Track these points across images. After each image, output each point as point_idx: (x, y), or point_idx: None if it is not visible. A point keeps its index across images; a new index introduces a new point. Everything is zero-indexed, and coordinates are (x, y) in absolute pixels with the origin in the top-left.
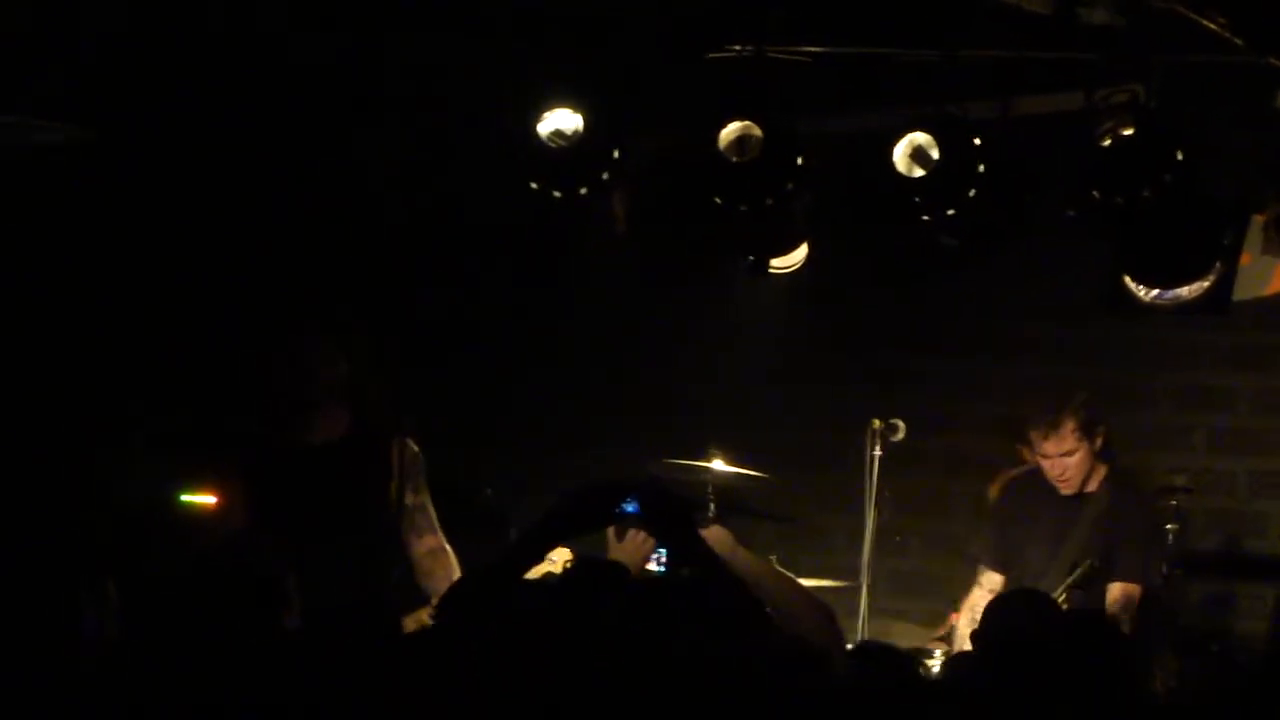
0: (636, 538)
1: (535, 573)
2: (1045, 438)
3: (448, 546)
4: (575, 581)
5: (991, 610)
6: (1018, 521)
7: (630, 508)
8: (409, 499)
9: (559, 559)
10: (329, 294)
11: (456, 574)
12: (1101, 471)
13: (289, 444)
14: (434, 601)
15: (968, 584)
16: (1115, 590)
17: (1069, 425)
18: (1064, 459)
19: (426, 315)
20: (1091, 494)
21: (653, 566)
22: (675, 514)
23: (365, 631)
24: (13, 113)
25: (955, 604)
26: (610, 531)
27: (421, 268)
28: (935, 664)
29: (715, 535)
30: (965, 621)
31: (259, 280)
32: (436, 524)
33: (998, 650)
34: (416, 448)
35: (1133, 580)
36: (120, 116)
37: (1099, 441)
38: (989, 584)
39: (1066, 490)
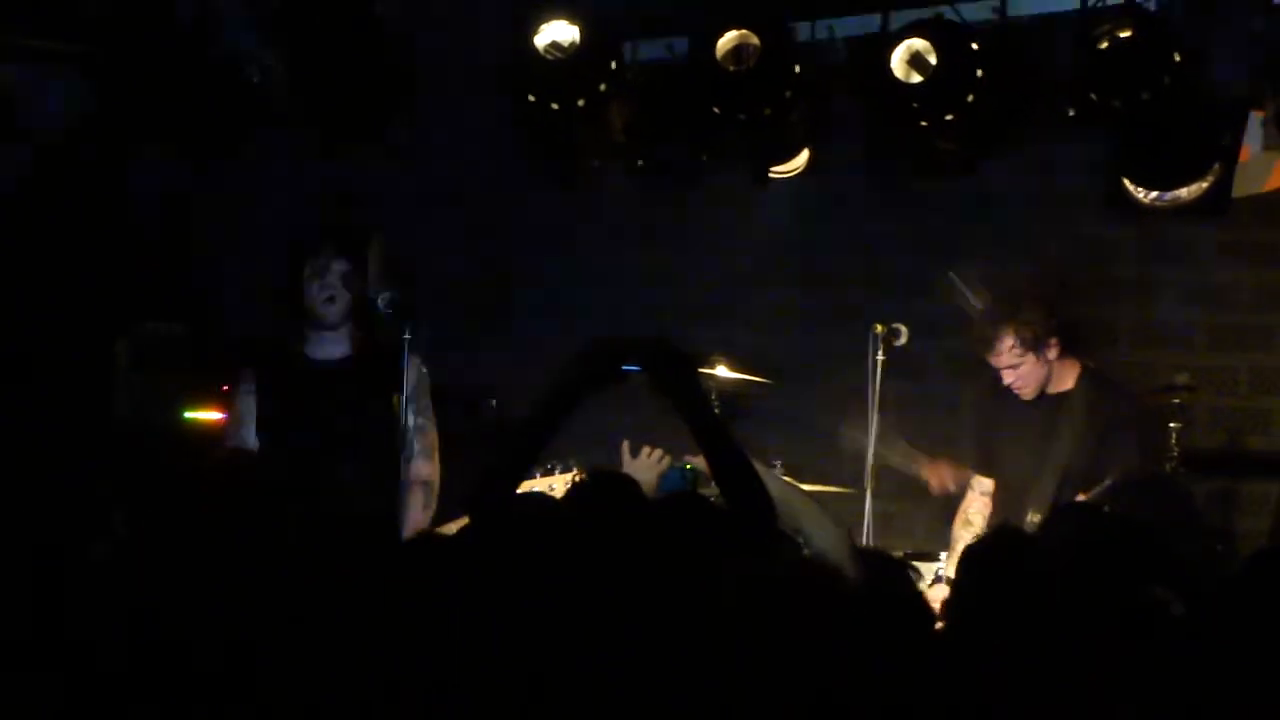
0: (651, 456)
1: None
2: (984, 353)
3: (435, 480)
4: (587, 494)
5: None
6: (995, 424)
7: (636, 367)
8: (411, 419)
9: (560, 481)
10: (337, 210)
11: (430, 511)
12: (1072, 370)
13: (298, 360)
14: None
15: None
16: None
17: (1006, 342)
18: (1010, 370)
19: (431, 229)
20: (1067, 392)
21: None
22: (682, 371)
23: (373, 544)
24: None
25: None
26: (624, 448)
27: (425, 182)
28: (940, 566)
29: None
30: (960, 523)
31: (267, 196)
32: (434, 451)
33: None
34: (424, 368)
35: (1132, 469)
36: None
37: (1052, 351)
38: (980, 486)
39: (1025, 396)
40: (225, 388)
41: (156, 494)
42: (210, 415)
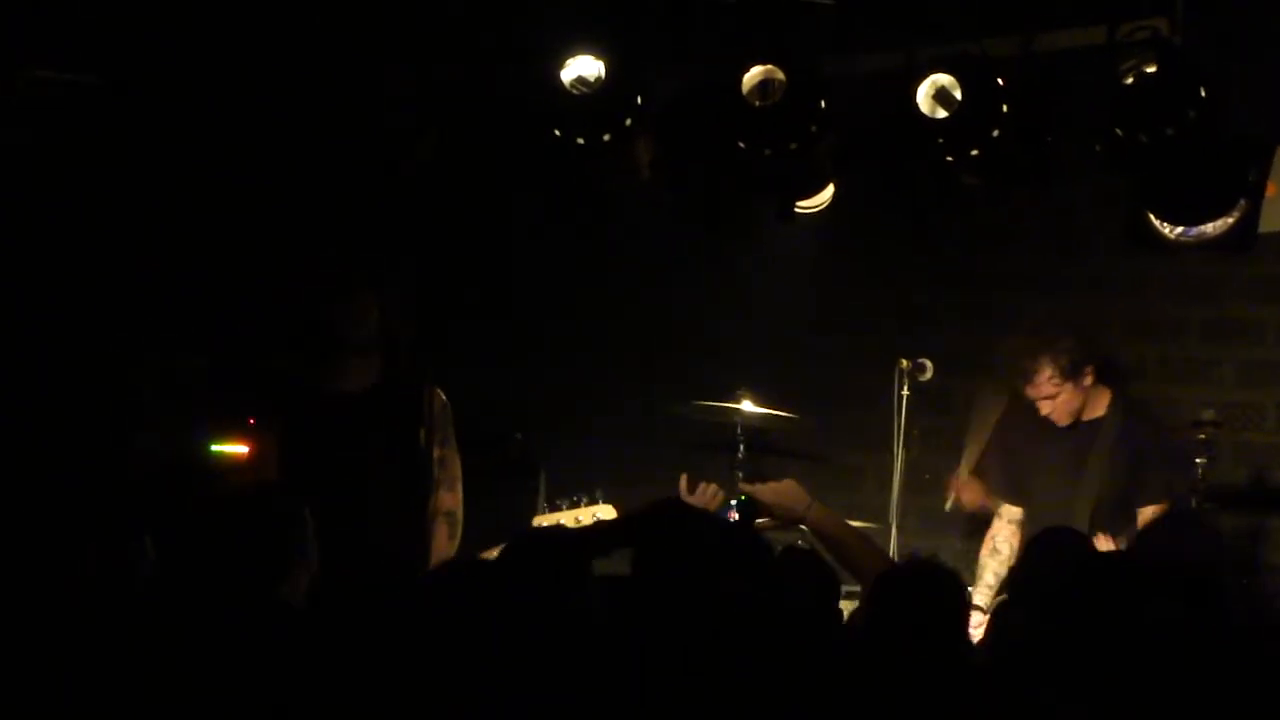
0: (708, 490)
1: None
2: (1023, 384)
3: (459, 511)
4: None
5: (1025, 554)
6: (1019, 451)
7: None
8: (435, 451)
9: (586, 514)
10: (361, 241)
11: (455, 542)
12: (1104, 398)
13: (322, 392)
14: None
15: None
16: (1146, 514)
17: (1045, 373)
18: (1047, 401)
19: (457, 264)
20: (1100, 419)
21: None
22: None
23: (394, 580)
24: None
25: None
26: (683, 482)
27: (451, 216)
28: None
29: (790, 490)
30: (987, 551)
31: (291, 228)
32: (457, 483)
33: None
34: (445, 399)
35: (1160, 502)
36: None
37: (1088, 379)
38: (1008, 515)
39: (1061, 424)
40: (251, 420)
41: (182, 525)
42: (236, 448)
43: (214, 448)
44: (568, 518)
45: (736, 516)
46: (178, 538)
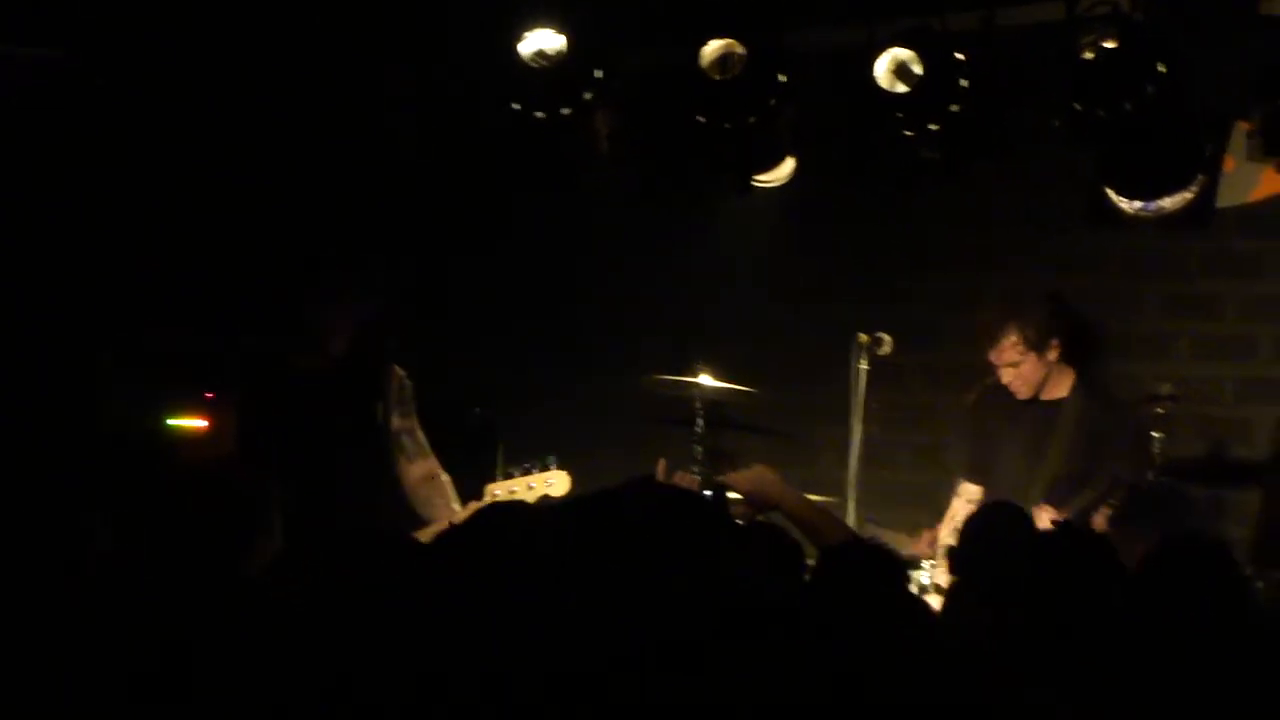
0: (683, 478)
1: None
2: (987, 348)
3: (443, 473)
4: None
5: (967, 527)
6: (990, 432)
7: None
8: (396, 422)
9: (538, 486)
10: (326, 220)
11: (454, 501)
12: (1068, 378)
13: (282, 368)
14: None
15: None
16: (1085, 500)
17: (1010, 338)
18: (1009, 369)
19: (414, 239)
20: (1062, 401)
21: None
22: None
23: (356, 550)
24: None
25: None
26: (661, 466)
27: (408, 192)
28: (924, 574)
29: (764, 476)
30: (947, 531)
31: (256, 204)
32: (428, 449)
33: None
34: (404, 374)
35: (1102, 495)
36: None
37: (1053, 353)
38: (966, 494)
39: (1021, 396)
40: (209, 395)
41: (138, 502)
42: (194, 423)
43: (171, 422)
44: (520, 485)
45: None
46: (136, 513)
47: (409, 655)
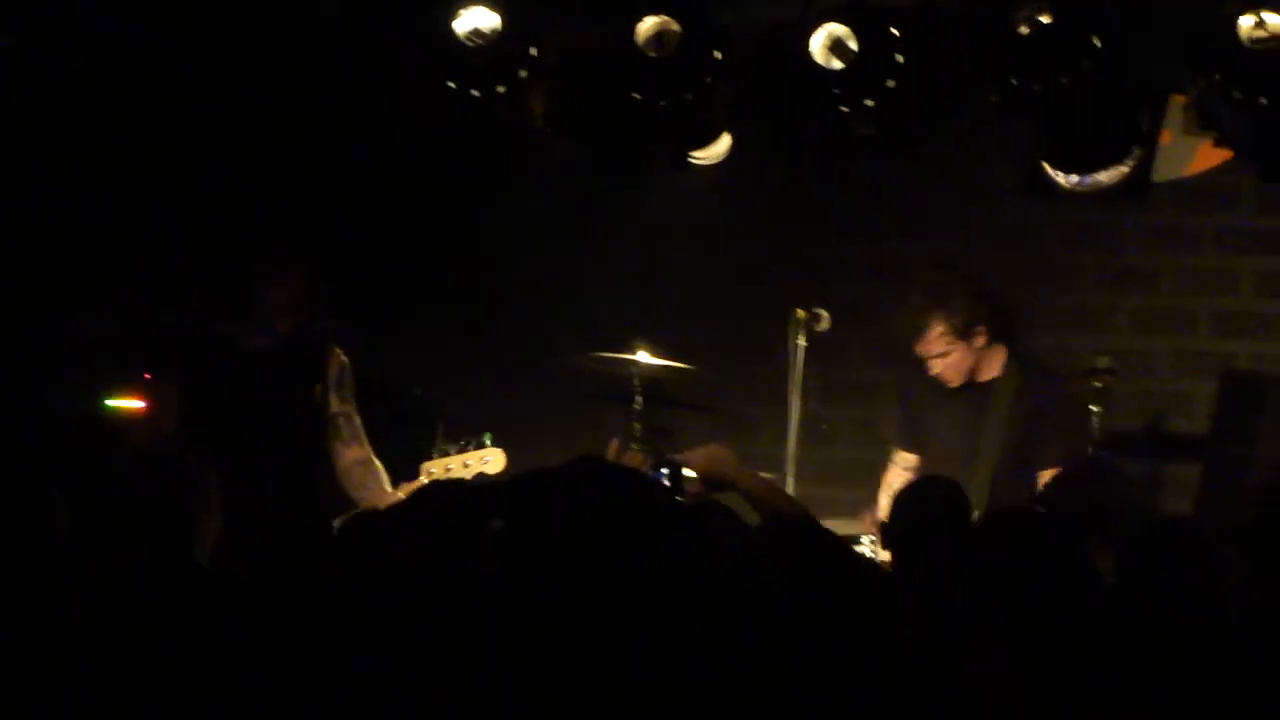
0: (635, 456)
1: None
2: (914, 341)
3: (375, 459)
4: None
5: (899, 502)
6: (925, 403)
7: None
8: (335, 406)
9: (474, 464)
10: (258, 198)
11: (387, 486)
12: (999, 357)
13: (222, 349)
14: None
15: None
16: (1046, 478)
17: (936, 330)
18: (938, 360)
19: (350, 218)
20: (994, 380)
21: None
22: None
23: (295, 531)
24: None
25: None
26: (613, 446)
27: (344, 170)
28: (865, 549)
29: (718, 454)
30: (885, 501)
31: (187, 183)
32: (363, 435)
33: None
34: (345, 356)
35: (1060, 465)
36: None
37: (980, 339)
38: (903, 463)
39: (952, 384)
40: (148, 375)
41: (80, 482)
42: (132, 403)
43: (110, 403)
44: (456, 463)
45: (666, 482)
46: (75, 495)
47: (350, 638)
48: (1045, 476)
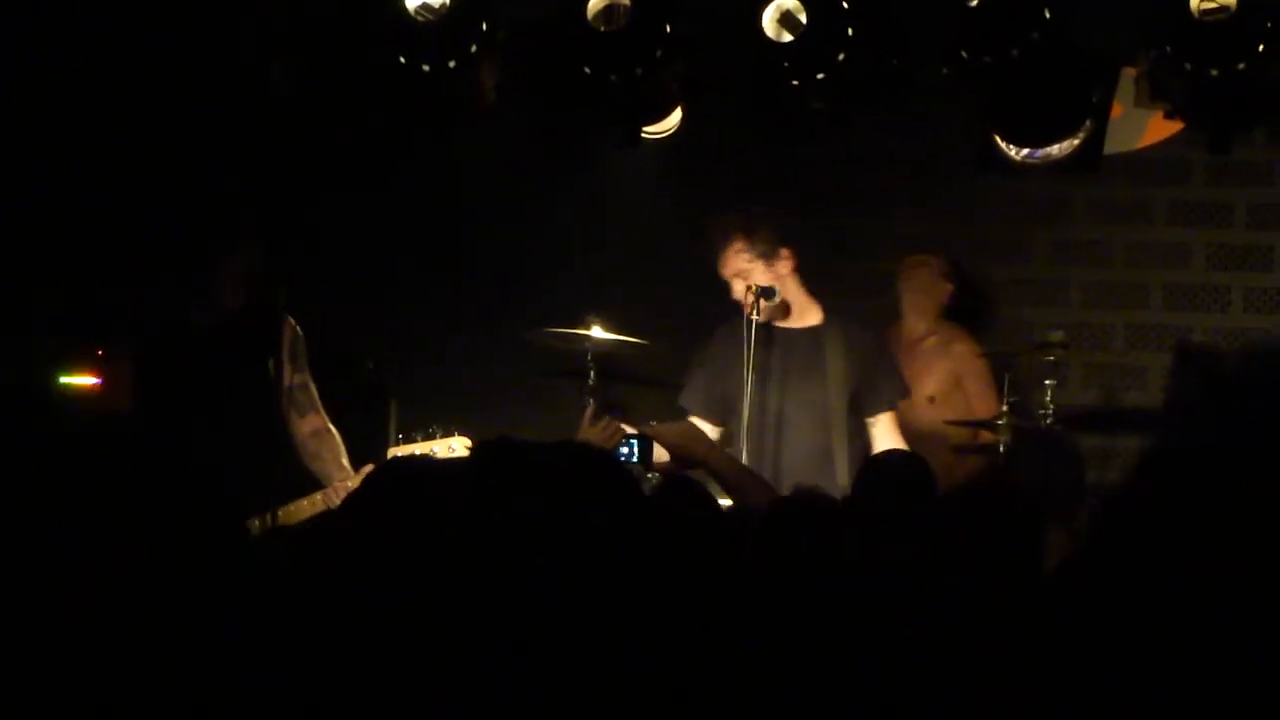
0: (611, 426)
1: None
2: (713, 259)
3: (332, 427)
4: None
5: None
6: (732, 362)
7: None
8: (290, 377)
9: (440, 451)
10: (212, 173)
11: (343, 456)
12: (816, 307)
13: (176, 324)
14: (330, 484)
15: None
16: (884, 420)
17: (735, 245)
18: (738, 280)
19: (303, 191)
20: (818, 327)
21: None
22: None
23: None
24: None
25: None
26: (589, 411)
27: (297, 144)
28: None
29: (689, 431)
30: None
31: (139, 159)
32: (319, 404)
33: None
34: (298, 327)
35: (891, 409)
36: None
37: (784, 264)
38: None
39: (758, 318)
40: (100, 351)
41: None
42: (86, 379)
43: (63, 379)
44: (424, 449)
45: (636, 455)
46: (26, 473)
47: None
48: (880, 420)
